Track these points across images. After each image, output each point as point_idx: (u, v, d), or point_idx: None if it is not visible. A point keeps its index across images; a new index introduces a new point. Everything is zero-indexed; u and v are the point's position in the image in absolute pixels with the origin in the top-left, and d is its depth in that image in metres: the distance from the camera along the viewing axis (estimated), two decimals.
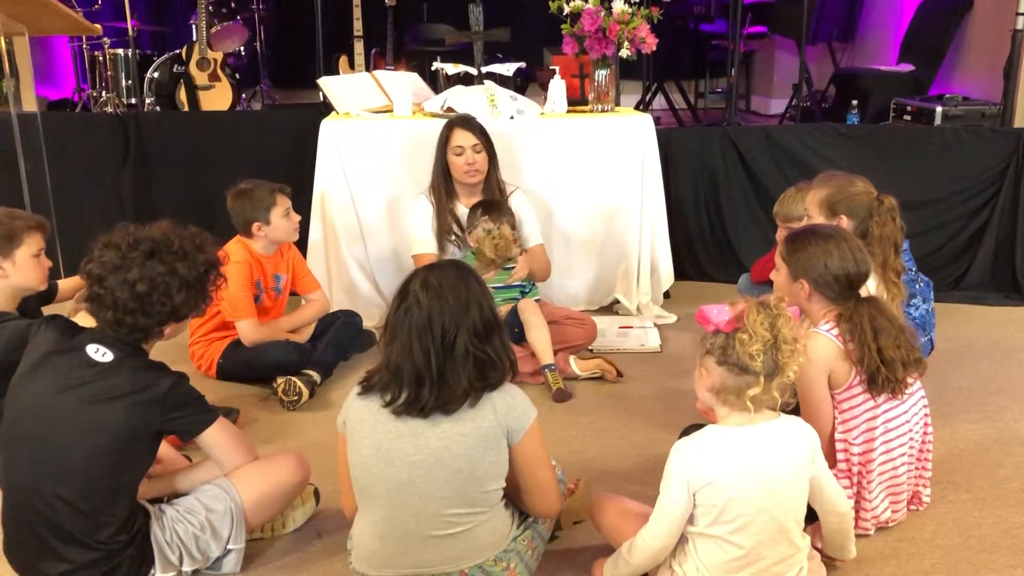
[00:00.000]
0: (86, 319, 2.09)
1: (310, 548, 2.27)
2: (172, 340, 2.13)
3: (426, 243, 3.51)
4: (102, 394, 1.90)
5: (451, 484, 1.81)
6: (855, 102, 5.00)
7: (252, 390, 3.23)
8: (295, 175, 4.00)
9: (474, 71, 4.25)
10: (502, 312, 3.11)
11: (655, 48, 3.92)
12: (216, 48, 5.36)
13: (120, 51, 5.34)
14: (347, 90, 4.14)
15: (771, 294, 1.83)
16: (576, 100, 4.10)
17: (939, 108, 4.59)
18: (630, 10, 3.82)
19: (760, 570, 1.84)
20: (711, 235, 4.54)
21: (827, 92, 6.08)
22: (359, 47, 5.62)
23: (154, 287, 1.95)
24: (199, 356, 3.31)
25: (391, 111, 4.03)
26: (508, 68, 4.40)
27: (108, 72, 5.36)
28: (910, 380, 2.19)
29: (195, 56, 5.27)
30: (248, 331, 3.20)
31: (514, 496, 1.96)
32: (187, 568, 2.02)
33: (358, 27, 5.60)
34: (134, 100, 5.36)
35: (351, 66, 5.56)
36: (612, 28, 3.79)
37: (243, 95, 5.66)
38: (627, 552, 1.92)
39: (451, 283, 1.81)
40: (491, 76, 4.22)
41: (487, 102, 3.87)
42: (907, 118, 4.82)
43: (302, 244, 3.67)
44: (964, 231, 4.37)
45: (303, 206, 3.67)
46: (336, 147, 3.83)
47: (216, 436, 2.06)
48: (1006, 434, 2.86)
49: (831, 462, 2.07)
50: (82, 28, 4.06)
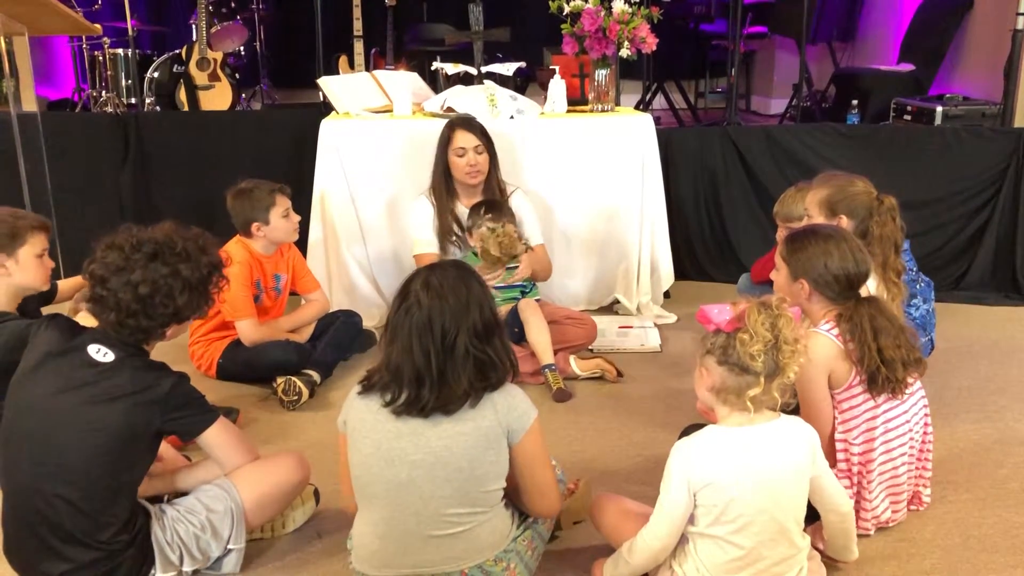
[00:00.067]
0: (86, 319, 2.09)
1: (310, 548, 2.27)
2: (172, 340, 2.13)
3: (428, 243, 3.51)
4: (103, 394, 1.90)
5: (451, 484, 1.81)
6: (855, 102, 5.00)
7: (252, 390, 3.23)
8: (295, 175, 3.99)
9: (474, 71, 4.25)
10: (502, 312, 3.11)
11: (655, 48, 3.92)
12: (216, 48, 5.36)
13: (120, 51, 5.34)
14: (347, 90, 4.14)
15: (773, 294, 1.83)
16: (576, 100, 4.09)
17: (939, 108, 4.59)
18: (630, 10, 3.82)
19: (760, 570, 1.84)
20: (711, 235, 4.54)
21: (827, 92, 6.07)
22: (359, 47, 5.62)
23: (157, 289, 1.95)
24: (199, 356, 3.31)
25: (391, 111, 4.03)
26: (508, 68, 4.40)
27: (108, 72, 5.36)
28: (910, 380, 2.19)
29: (195, 56, 5.27)
30: (248, 331, 3.20)
31: (514, 496, 1.96)
32: (187, 568, 2.02)
33: (358, 27, 5.60)
34: (134, 100, 5.36)
35: (351, 66, 5.56)
36: (612, 28, 3.79)
37: (243, 95, 5.66)
38: (627, 552, 1.92)
39: (452, 283, 1.81)
40: (491, 76, 4.22)
41: (487, 102, 3.87)
42: (907, 118, 4.81)
43: (302, 244, 3.66)
44: (964, 231, 4.37)
45: (303, 206, 3.67)
46: (336, 147, 3.83)
47: (217, 436, 2.06)
48: (1006, 434, 2.86)
49: (831, 462, 2.07)
50: (82, 28, 4.05)
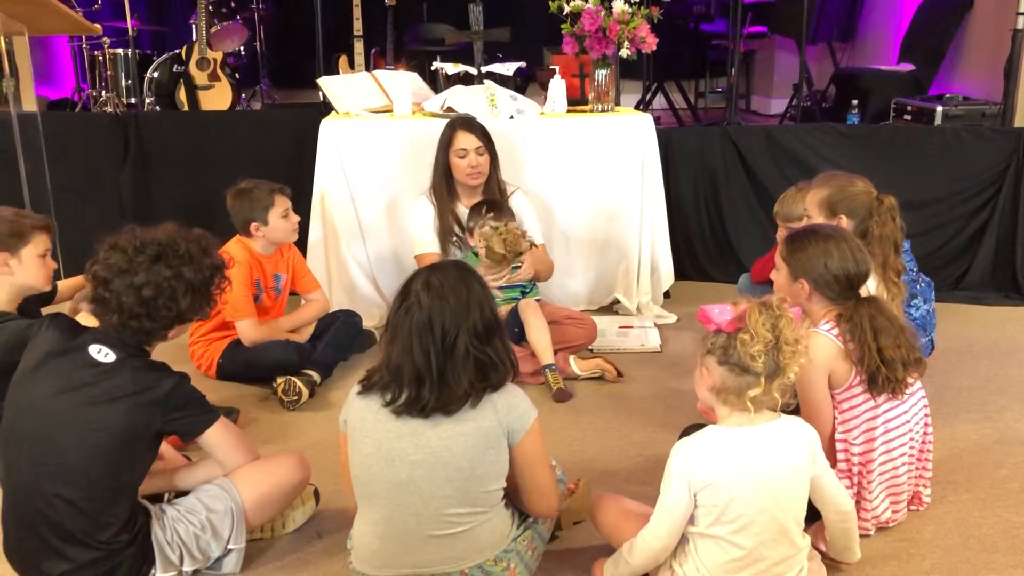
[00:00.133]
0: (87, 319, 2.09)
1: (310, 548, 2.27)
2: (172, 340, 2.13)
3: (429, 243, 3.50)
4: (104, 395, 1.90)
5: (452, 484, 1.81)
6: (855, 102, 5.00)
7: (252, 390, 3.22)
8: (295, 175, 3.99)
9: (474, 71, 4.25)
10: (503, 312, 3.11)
11: (655, 48, 3.92)
12: (216, 48, 5.36)
13: (120, 51, 5.34)
14: (347, 90, 4.14)
15: (773, 294, 1.83)
16: (576, 100, 4.09)
17: (939, 108, 4.59)
18: (630, 10, 3.81)
19: (760, 570, 1.84)
20: (711, 235, 4.54)
21: (827, 92, 6.07)
22: (359, 47, 5.62)
23: (160, 292, 1.95)
24: (199, 356, 3.31)
25: (391, 111, 4.03)
26: (508, 68, 4.39)
27: (108, 72, 5.36)
28: (910, 380, 2.19)
29: (195, 56, 5.27)
30: (248, 331, 3.20)
31: (514, 496, 1.96)
32: (187, 568, 2.02)
33: (358, 27, 5.60)
34: (134, 100, 5.36)
35: (351, 66, 5.56)
36: (612, 28, 3.79)
37: (243, 95, 5.66)
38: (627, 552, 1.92)
39: (452, 284, 1.81)
40: (491, 76, 4.22)
41: (487, 102, 3.86)
42: (907, 118, 4.81)
43: (302, 244, 3.67)
44: (964, 231, 4.37)
45: (303, 206, 3.67)
46: (336, 147, 3.83)
47: (217, 436, 2.06)
48: (1006, 434, 2.86)
49: (831, 462, 2.07)
50: (82, 28, 4.05)
